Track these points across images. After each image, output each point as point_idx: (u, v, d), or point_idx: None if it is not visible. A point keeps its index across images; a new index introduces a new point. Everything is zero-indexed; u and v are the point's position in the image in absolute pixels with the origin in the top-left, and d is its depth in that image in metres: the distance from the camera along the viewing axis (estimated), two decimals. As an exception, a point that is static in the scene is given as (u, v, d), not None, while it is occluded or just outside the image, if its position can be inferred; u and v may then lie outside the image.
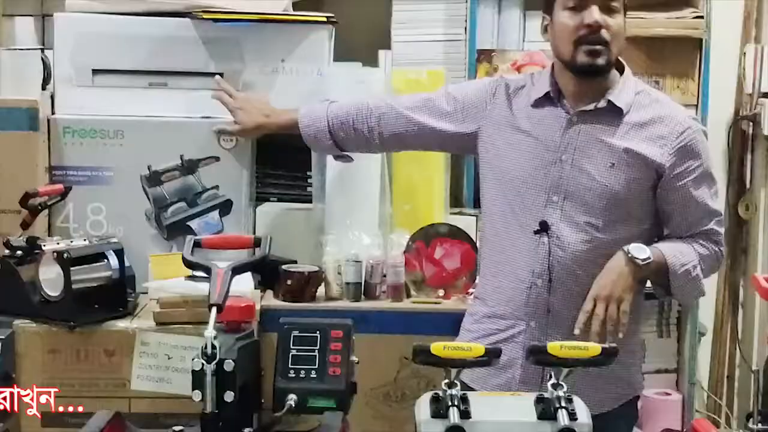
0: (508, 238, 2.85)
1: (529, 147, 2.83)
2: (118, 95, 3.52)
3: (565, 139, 2.80)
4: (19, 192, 3.22)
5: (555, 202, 2.79)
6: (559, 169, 2.79)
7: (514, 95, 2.92)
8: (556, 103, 2.84)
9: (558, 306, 2.79)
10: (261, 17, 3.51)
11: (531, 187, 2.81)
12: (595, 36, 2.74)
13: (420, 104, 3.05)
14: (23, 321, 3.10)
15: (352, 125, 3.11)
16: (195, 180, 3.51)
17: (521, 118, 2.87)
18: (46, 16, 3.90)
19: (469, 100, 2.98)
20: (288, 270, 3.32)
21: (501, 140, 2.88)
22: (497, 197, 2.88)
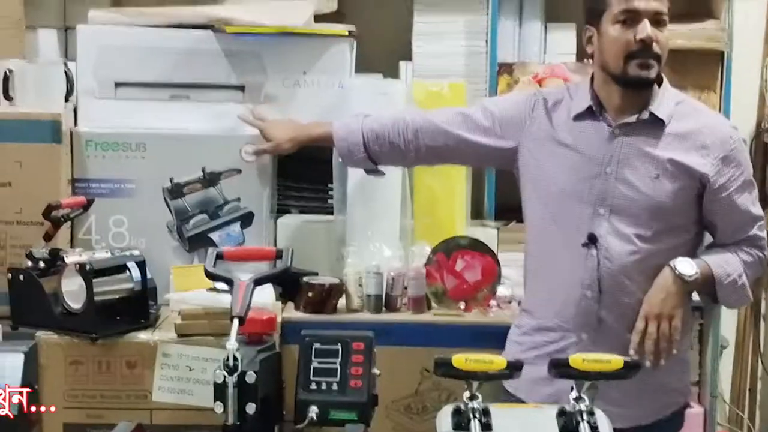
0: (554, 251, 2.88)
1: (573, 160, 2.85)
2: (141, 108, 3.54)
3: (609, 152, 2.82)
4: (42, 204, 3.23)
5: (601, 214, 2.81)
6: (603, 182, 2.81)
7: (552, 109, 2.94)
8: (597, 116, 2.86)
9: (608, 317, 2.82)
10: (283, 30, 3.52)
11: (576, 200, 2.83)
12: (648, 51, 2.76)
13: (458, 118, 3.06)
14: (46, 333, 3.12)
15: (387, 139, 3.12)
16: (217, 192, 3.52)
17: (562, 132, 2.89)
18: (69, 28, 3.91)
19: (508, 115, 3.00)
20: (309, 282, 3.32)
21: (543, 155, 2.90)
22: (541, 211, 2.90)
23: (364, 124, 3.16)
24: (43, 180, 3.37)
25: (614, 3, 2.79)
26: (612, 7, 2.79)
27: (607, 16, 2.80)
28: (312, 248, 3.53)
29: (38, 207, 3.24)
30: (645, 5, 2.76)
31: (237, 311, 2.35)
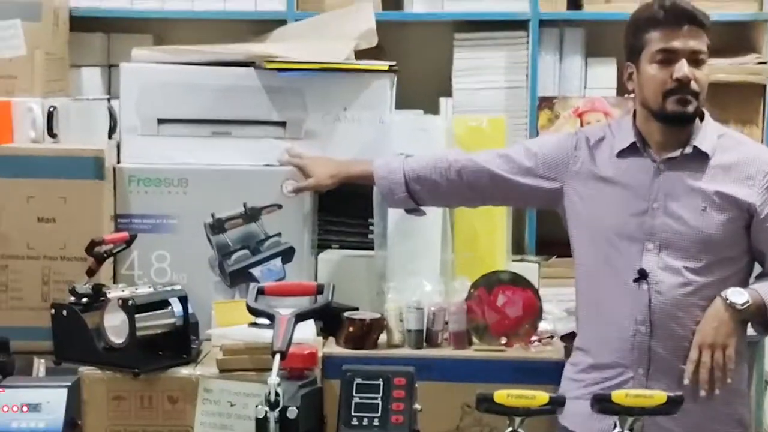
0: (605, 288, 2.89)
1: (619, 197, 2.87)
2: (183, 144, 3.56)
3: (655, 187, 2.84)
4: (85, 240, 3.26)
5: (650, 249, 2.83)
6: (651, 217, 2.83)
7: (595, 147, 2.96)
8: (641, 152, 2.88)
9: (663, 351, 2.83)
10: (324, 66, 3.54)
11: (625, 236, 2.85)
12: (685, 88, 2.79)
13: (500, 159, 3.09)
14: (88, 368, 3.13)
15: (429, 179, 3.14)
16: (258, 227, 3.53)
17: (606, 170, 2.91)
18: (113, 66, 3.97)
19: (551, 155, 3.02)
20: (350, 317, 3.32)
21: (588, 193, 2.93)
22: (590, 250, 2.93)
23: (405, 164, 3.18)
24: (87, 216, 3.40)
25: (652, 42, 2.82)
26: (650, 46, 2.82)
27: (645, 55, 2.83)
28: (353, 283, 3.53)
29: (81, 243, 3.26)
30: (682, 45, 2.79)
31: (278, 346, 2.35)
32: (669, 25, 2.81)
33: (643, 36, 2.85)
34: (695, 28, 2.81)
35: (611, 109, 3.91)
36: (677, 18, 2.80)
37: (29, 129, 3.48)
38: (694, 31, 2.81)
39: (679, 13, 2.81)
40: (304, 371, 2.44)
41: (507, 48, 3.95)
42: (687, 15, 2.81)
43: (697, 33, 2.81)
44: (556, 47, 3.99)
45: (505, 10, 3.94)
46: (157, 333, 3.15)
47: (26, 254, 3.40)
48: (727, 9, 3.94)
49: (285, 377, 2.39)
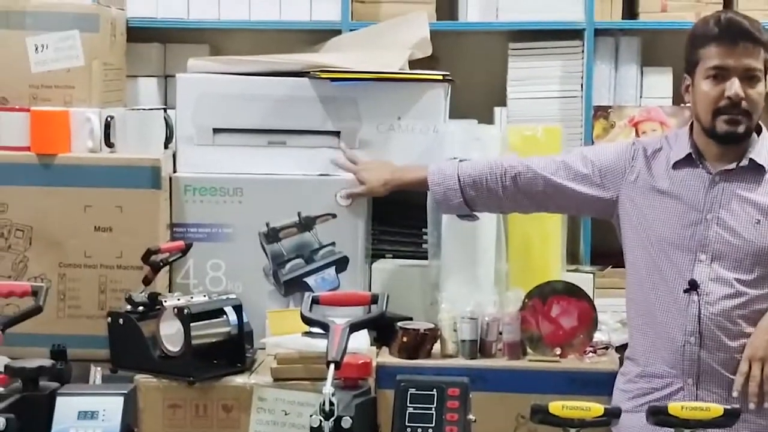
0: (656, 298, 2.88)
1: (673, 208, 2.86)
2: (238, 154, 3.59)
3: (709, 199, 2.83)
4: (141, 248, 3.28)
5: (703, 260, 2.82)
6: (704, 228, 2.83)
7: (652, 158, 2.95)
8: (696, 163, 2.87)
9: (712, 362, 2.82)
10: (378, 76, 3.54)
11: (677, 247, 2.84)
12: (735, 108, 2.78)
13: (557, 166, 3.08)
14: (144, 376, 3.15)
15: (484, 184, 3.14)
16: (312, 237, 3.54)
17: (662, 180, 2.90)
18: (169, 76, 4.00)
19: (607, 164, 3.01)
20: (404, 327, 3.32)
21: (644, 203, 2.92)
22: (643, 259, 2.91)
23: (460, 169, 3.17)
24: (143, 225, 3.43)
25: (706, 58, 2.81)
26: (704, 62, 2.81)
27: (699, 70, 2.83)
28: (406, 293, 3.53)
29: (138, 251, 3.29)
30: (735, 62, 2.77)
31: (333, 356, 2.35)
32: (723, 42, 2.78)
33: (698, 51, 2.83)
34: (750, 45, 2.77)
35: (667, 118, 3.88)
36: (732, 35, 2.78)
37: (87, 139, 3.51)
38: (749, 48, 2.77)
39: (735, 29, 2.78)
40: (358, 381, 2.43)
41: (562, 57, 3.94)
42: (742, 32, 2.78)
43: (752, 50, 2.77)
44: (612, 56, 3.97)
45: (560, 19, 3.93)
46: (212, 341, 3.17)
47: (83, 263, 3.44)
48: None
49: (339, 387, 2.38)
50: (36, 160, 3.45)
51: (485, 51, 4.12)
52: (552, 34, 3.95)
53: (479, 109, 3.95)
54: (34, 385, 2.62)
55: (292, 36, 4.06)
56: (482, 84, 4.04)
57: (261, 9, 3.96)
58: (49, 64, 3.58)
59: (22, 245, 3.45)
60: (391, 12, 3.94)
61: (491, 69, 4.05)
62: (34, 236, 3.45)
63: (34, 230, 3.45)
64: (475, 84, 4.00)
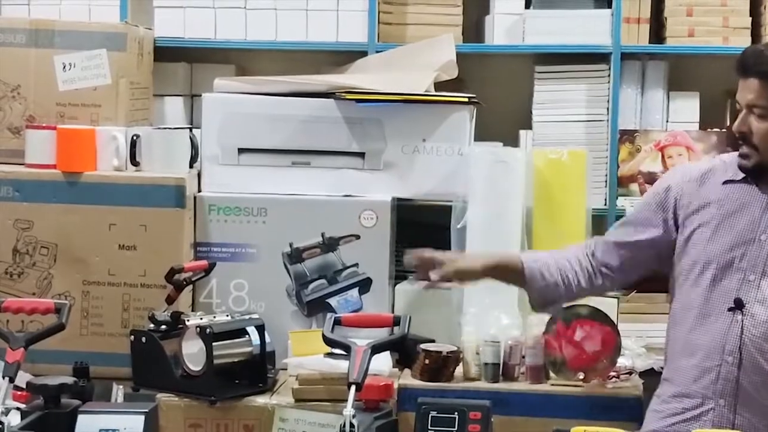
0: (700, 316, 2.84)
1: (727, 226, 2.83)
2: (263, 174, 3.59)
3: (765, 218, 2.80)
4: (165, 267, 3.29)
5: (751, 281, 2.79)
6: (757, 249, 2.79)
7: (702, 181, 2.90)
8: (752, 182, 2.84)
9: (748, 384, 2.78)
10: (403, 98, 3.55)
11: (728, 265, 2.81)
12: (743, 141, 2.78)
13: (621, 224, 3.05)
14: (166, 395, 3.15)
15: (576, 269, 3.04)
16: (335, 257, 3.54)
17: (714, 201, 2.86)
18: (195, 96, 4.02)
19: (650, 203, 2.96)
20: (426, 349, 3.30)
21: (695, 225, 2.87)
22: (693, 279, 2.86)
23: (555, 257, 3.06)
24: (167, 244, 3.44)
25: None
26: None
27: None
28: (429, 315, 3.51)
29: (161, 270, 3.30)
30: (740, 97, 2.77)
31: (354, 377, 2.35)
32: (738, 75, 2.78)
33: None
34: (754, 80, 2.74)
35: (693, 143, 3.87)
36: (739, 68, 2.77)
37: (112, 157, 3.53)
38: (754, 82, 2.74)
39: (742, 63, 2.77)
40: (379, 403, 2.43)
41: (588, 81, 3.93)
42: (746, 66, 2.76)
43: (755, 85, 2.74)
44: (638, 80, 3.96)
45: (586, 42, 3.92)
46: (234, 361, 3.17)
47: (107, 281, 3.45)
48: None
49: (360, 408, 2.39)
50: (62, 178, 3.47)
51: (511, 74, 4.12)
52: (578, 57, 3.95)
53: (505, 131, 3.95)
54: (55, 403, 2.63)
55: (319, 57, 4.07)
56: (508, 107, 4.04)
57: (287, 30, 3.96)
58: (76, 82, 3.60)
59: (46, 262, 3.47)
60: (417, 34, 3.95)
61: (517, 92, 4.05)
62: (58, 254, 3.46)
63: (58, 248, 3.46)
64: (501, 107, 3.99)
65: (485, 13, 4.04)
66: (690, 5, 3.93)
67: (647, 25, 3.94)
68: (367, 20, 3.92)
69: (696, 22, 3.91)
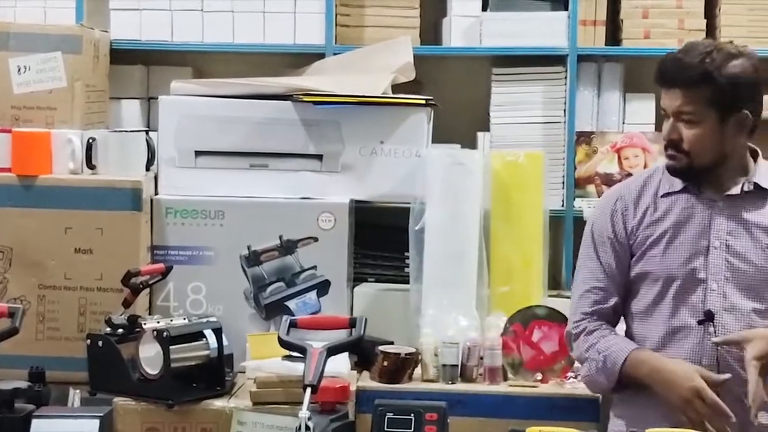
0: (669, 333, 2.76)
1: (679, 240, 2.77)
2: (220, 176, 3.59)
3: (715, 225, 2.76)
4: (121, 271, 3.28)
5: (715, 290, 2.73)
6: (714, 256, 2.74)
7: (638, 201, 2.84)
8: (691, 190, 2.79)
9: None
10: (361, 100, 3.55)
11: (689, 279, 2.75)
12: (672, 147, 2.74)
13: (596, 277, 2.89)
14: (123, 399, 3.13)
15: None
16: (293, 260, 3.54)
17: (659, 216, 2.80)
18: (152, 99, 4.00)
19: (609, 235, 2.86)
20: (384, 351, 3.30)
21: (644, 239, 2.80)
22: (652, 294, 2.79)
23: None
24: (124, 247, 3.42)
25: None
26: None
27: None
28: (388, 317, 3.52)
29: (118, 274, 3.29)
30: (667, 105, 2.74)
31: (309, 379, 2.35)
32: (660, 84, 2.76)
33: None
34: (681, 87, 2.70)
35: (649, 144, 3.89)
36: (662, 78, 2.74)
37: (68, 160, 3.51)
38: (681, 90, 2.70)
39: (664, 72, 2.73)
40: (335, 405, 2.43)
41: (545, 83, 3.94)
42: (670, 75, 2.72)
43: (683, 93, 2.70)
44: (594, 82, 3.98)
45: (543, 45, 3.93)
46: (191, 365, 3.16)
47: (63, 285, 3.43)
48: None
49: (317, 411, 2.38)
50: (17, 182, 3.45)
51: (469, 76, 4.13)
52: (535, 59, 3.96)
53: (462, 133, 3.95)
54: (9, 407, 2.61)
55: (276, 59, 4.06)
56: (465, 109, 4.04)
57: (245, 32, 3.95)
58: (31, 85, 3.58)
59: (1, 267, 3.44)
60: (375, 36, 3.95)
61: (474, 94, 4.06)
62: (14, 258, 3.44)
63: (14, 252, 3.44)
64: (459, 109, 4.00)
65: (442, 16, 4.05)
66: (646, 7, 3.96)
67: (603, 28, 3.96)
68: (325, 22, 3.91)
69: (651, 24, 3.94)
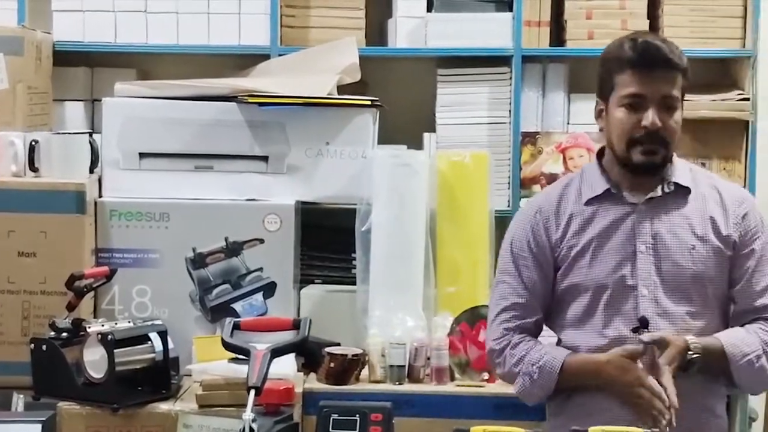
0: (604, 344, 2.70)
1: (605, 248, 2.72)
2: (165, 178, 3.57)
3: (638, 230, 2.72)
4: (65, 274, 3.24)
5: (645, 295, 2.70)
6: (642, 262, 2.70)
7: (558, 210, 2.79)
8: (618, 196, 2.75)
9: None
10: (306, 101, 3.54)
11: (619, 287, 2.70)
12: (653, 137, 2.66)
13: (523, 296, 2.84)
14: (67, 403, 3.11)
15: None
16: (239, 262, 3.53)
17: (583, 222, 2.75)
18: (96, 101, 3.96)
19: (531, 249, 2.81)
20: (331, 353, 3.31)
21: (569, 251, 2.76)
22: (582, 306, 2.75)
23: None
24: (67, 250, 3.40)
25: (622, 85, 2.68)
26: (619, 89, 2.69)
27: (614, 97, 2.70)
28: (335, 318, 3.52)
29: (62, 277, 3.25)
30: (651, 91, 2.65)
31: (253, 381, 2.34)
32: (640, 69, 2.65)
33: (613, 76, 2.70)
34: (668, 72, 2.66)
35: (594, 144, 3.91)
36: (649, 61, 2.65)
37: (10, 163, 3.48)
38: (668, 74, 2.66)
39: (652, 55, 2.65)
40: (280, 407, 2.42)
41: (490, 84, 3.95)
42: (660, 58, 2.65)
43: (670, 77, 2.66)
44: (539, 83, 4.00)
45: (488, 45, 3.95)
46: (136, 368, 3.14)
47: (6, 288, 3.40)
48: (711, 45, 3.96)
49: (261, 413, 2.38)
50: (-42, 185, 3.41)
51: (414, 77, 4.13)
52: (480, 60, 3.97)
53: (408, 134, 3.95)
54: (-52, 413, 2.58)
55: (221, 60, 4.04)
56: (411, 110, 4.05)
57: (189, 33, 3.92)
58: (-28, 86, 3.55)
59: (-56, 270, 3.40)
60: (320, 37, 3.94)
61: (420, 95, 4.06)
62: (-44, 261, 3.40)
63: (-44, 255, 3.40)
64: (404, 110, 4.00)
65: (388, 17, 4.05)
66: (589, 8, 3.98)
67: (548, 29, 3.97)
68: (270, 23, 3.90)
69: (595, 24, 3.96)
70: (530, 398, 2.84)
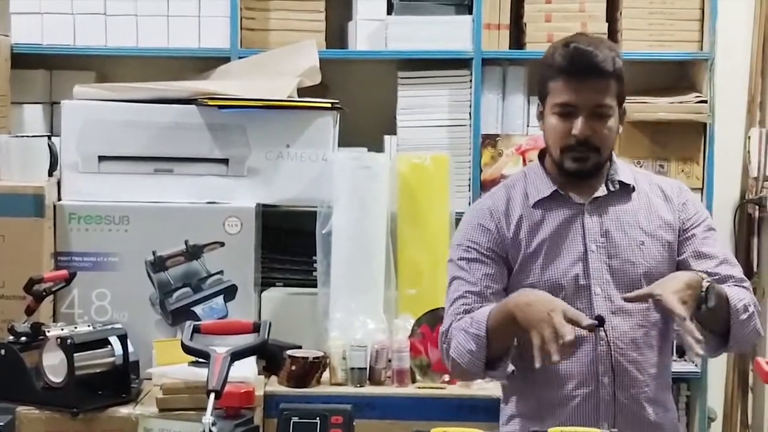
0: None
1: (553, 249, 2.70)
2: (124, 181, 3.56)
3: (588, 230, 2.70)
4: (24, 278, 3.23)
5: (599, 293, 2.68)
6: (593, 260, 2.69)
7: (507, 212, 2.75)
8: (564, 197, 2.73)
9: (625, 399, 2.66)
10: (266, 104, 3.54)
11: (573, 287, 2.68)
12: (583, 145, 2.63)
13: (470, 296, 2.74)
14: (26, 407, 3.09)
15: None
16: (200, 265, 3.52)
17: (533, 224, 2.73)
18: (55, 103, 3.94)
19: (483, 249, 2.75)
20: (292, 355, 3.31)
21: (522, 252, 2.72)
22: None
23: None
24: (26, 254, 3.38)
25: (554, 92, 2.64)
26: (551, 96, 2.65)
27: (548, 102, 2.67)
28: (296, 321, 3.53)
29: (21, 281, 3.24)
30: (582, 99, 2.60)
31: (213, 385, 2.34)
32: (570, 78, 2.59)
33: (547, 83, 2.65)
34: (600, 81, 2.60)
35: (554, 146, 3.93)
36: (579, 70, 2.59)
37: (-32, 166, 3.46)
38: (599, 83, 2.60)
39: (583, 64, 2.59)
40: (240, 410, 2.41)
41: (450, 86, 3.97)
42: (591, 66, 2.59)
43: (602, 85, 2.60)
44: (499, 86, 4.01)
45: (448, 48, 3.96)
46: (96, 372, 3.13)
47: (-35, 292, 3.37)
48: (669, 48, 3.99)
49: (221, 416, 2.37)
50: None
51: (375, 79, 4.14)
52: (441, 63, 3.98)
53: (369, 137, 3.96)
54: None
55: (181, 63, 4.03)
56: (372, 112, 4.05)
57: (149, 36, 3.91)
58: (-71, 90, 3.52)
59: None
60: (280, 40, 3.94)
61: (381, 97, 4.07)
62: None
63: None
64: (365, 112, 4.01)
65: (348, 19, 4.06)
66: (549, 11, 4.00)
67: (507, 31, 3.99)
68: (229, 26, 3.89)
69: (555, 27, 3.97)
70: (463, 357, 2.65)
